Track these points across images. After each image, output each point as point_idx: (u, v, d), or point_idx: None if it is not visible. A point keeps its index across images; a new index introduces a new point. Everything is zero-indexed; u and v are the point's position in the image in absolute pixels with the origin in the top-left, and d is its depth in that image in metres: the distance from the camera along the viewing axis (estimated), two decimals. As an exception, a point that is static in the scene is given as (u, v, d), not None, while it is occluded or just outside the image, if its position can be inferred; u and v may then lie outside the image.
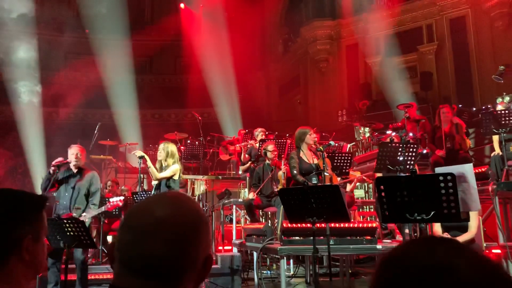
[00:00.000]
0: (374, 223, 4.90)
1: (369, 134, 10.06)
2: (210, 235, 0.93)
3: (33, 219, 1.27)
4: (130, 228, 0.87)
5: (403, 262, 0.69)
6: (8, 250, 1.21)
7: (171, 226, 0.85)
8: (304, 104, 16.70)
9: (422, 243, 0.72)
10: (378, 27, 13.86)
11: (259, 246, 5.03)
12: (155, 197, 0.93)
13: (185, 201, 0.93)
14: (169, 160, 5.61)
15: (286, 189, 3.93)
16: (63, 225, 3.88)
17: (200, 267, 0.89)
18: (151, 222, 0.86)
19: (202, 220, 0.91)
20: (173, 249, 0.84)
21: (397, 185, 2.72)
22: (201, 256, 0.88)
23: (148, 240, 0.84)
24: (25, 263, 1.23)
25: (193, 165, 9.08)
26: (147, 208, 0.89)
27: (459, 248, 0.69)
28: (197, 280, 0.90)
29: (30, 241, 1.24)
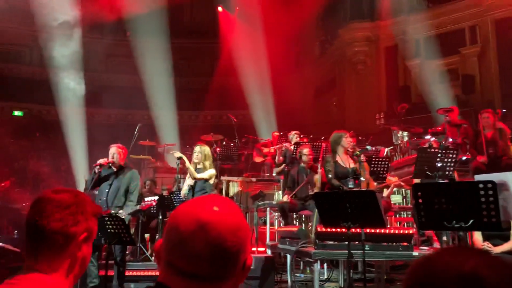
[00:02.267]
0: (411, 230, 4.81)
1: (407, 138, 9.85)
2: (250, 238, 0.97)
3: (91, 221, 1.37)
4: (176, 229, 0.91)
5: (432, 271, 0.71)
6: (66, 243, 1.31)
7: (214, 230, 0.89)
8: (340, 107, 16.53)
9: (451, 253, 0.74)
10: (418, 28, 13.57)
11: (293, 249, 5.04)
12: (198, 200, 0.96)
13: (228, 205, 0.96)
14: (206, 162, 5.70)
15: (321, 193, 3.93)
16: (104, 222, 4.04)
17: (240, 270, 0.92)
18: (196, 224, 0.89)
19: (242, 223, 0.94)
20: (216, 250, 0.88)
21: (435, 192, 2.68)
22: (242, 257, 0.92)
23: (193, 242, 0.88)
24: (76, 260, 1.33)
25: (227, 166, 9.18)
26: (192, 211, 0.93)
27: (488, 260, 0.70)
28: (237, 281, 0.93)
29: (84, 239, 1.34)
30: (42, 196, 1.37)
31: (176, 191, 6.67)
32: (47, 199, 1.36)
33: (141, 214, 6.57)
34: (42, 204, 1.35)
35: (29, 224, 1.34)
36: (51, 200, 1.35)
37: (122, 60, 18.27)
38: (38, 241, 1.31)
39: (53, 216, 1.32)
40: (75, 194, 1.40)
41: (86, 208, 1.38)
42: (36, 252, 1.31)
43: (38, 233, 1.31)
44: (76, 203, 1.36)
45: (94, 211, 1.40)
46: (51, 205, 1.34)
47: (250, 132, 12.29)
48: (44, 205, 1.34)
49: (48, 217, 1.32)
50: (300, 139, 8.15)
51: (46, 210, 1.33)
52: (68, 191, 1.42)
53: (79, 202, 1.37)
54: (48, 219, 1.31)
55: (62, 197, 1.36)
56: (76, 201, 1.36)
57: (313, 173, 6.36)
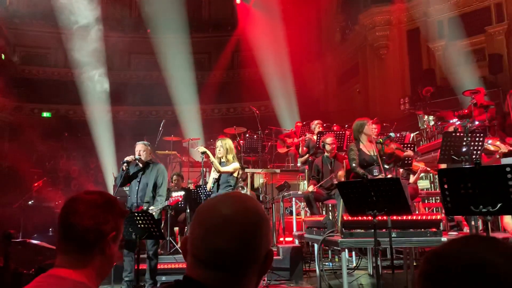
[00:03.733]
0: (439, 215, 4.76)
1: (433, 122, 9.67)
2: (270, 231, 1.01)
3: (119, 222, 1.45)
4: (200, 224, 0.98)
5: (445, 257, 0.75)
6: (97, 242, 1.39)
7: (236, 223, 0.95)
8: (364, 93, 16.32)
9: (464, 241, 0.77)
10: (441, 9, 13.22)
11: (320, 238, 5.06)
12: (221, 197, 1.03)
13: (247, 200, 1.02)
14: (229, 156, 5.75)
15: (345, 183, 3.93)
16: (135, 218, 4.15)
17: (262, 261, 0.97)
18: (219, 220, 0.96)
19: (263, 217, 0.99)
20: (238, 244, 0.93)
21: (461, 177, 2.65)
22: (263, 250, 0.97)
23: (216, 236, 0.94)
24: (104, 257, 1.41)
25: (252, 158, 9.24)
26: (215, 206, 0.99)
27: (498, 247, 0.73)
28: (259, 273, 0.98)
29: (112, 238, 1.41)
30: (74, 197, 1.46)
31: (202, 185, 6.77)
32: (79, 199, 1.44)
33: (169, 208, 6.70)
34: (74, 203, 1.43)
35: (62, 222, 1.42)
36: (83, 200, 1.43)
37: (144, 57, 18.50)
38: (70, 238, 1.39)
39: (85, 214, 1.40)
40: (105, 195, 1.48)
41: (115, 209, 1.46)
42: (67, 249, 1.39)
43: (70, 231, 1.39)
44: (106, 203, 1.44)
45: (122, 211, 1.48)
46: (84, 205, 1.42)
47: (273, 123, 12.31)
48: (76, 204, 1.43)
49: (80, 216, 1.39)
50: (323, 128, 8.11)
51: (79, 209, 1.41)
52: (99, 192, 1.50)
53: (109, 202, 1.45)
54: (80, 217, 1.39)
55: (93, 198, 1.44)
56: (106, 201, 1.44)
57: (337, 163, 6.34)
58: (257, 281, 0.99)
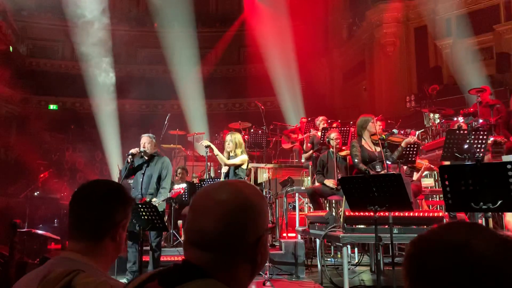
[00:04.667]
0: (440, 212, 4.77)
1: (439, 120, 9.65)
2: (262, 219, 1.03)
3: (128, 209, 1.50)
4: (191, 208, 1.03)
5: (429, 241, 0.80)
6: (108, 229, 1.44)
7: (222, 206, 0.99)
8: (370, 90, 16.28)
9: (448, 226, 0.82)
10: (449, 7, 13.14)
11: (322, 233, 5.09)
12: (217, 183, 1.07)
13: (242, 186, 1.05)
14: (238, 150, 5.78)
15: (348, 178, 3.95)
16: (138, 210, 4.19)
17: (251, 247, 0.99)
18: (207, 202, 1.01)
19: (253, 202, 1.02)
20: (222, 225, 0.97)
21: (462, 174, 2.66)
22: (252, 235, 0.99)
23: (202, 217, 0.99)
24: (115, 244, 1.46)
25: (256, 153, 9.27)
26: (208, 191, 1.04)
27: (480, 231, 0.77)
28: (251, 259, 1.00)
29: (122, 225, 1.47)
30: (85, 185, 1.51)
31: (206, 179, 6.81)
32: (91, 187, 1.49)
33: (173, 201, 6.75)
34: (86, 192, 1.48)
35: (74, 210, 1.46)
36: (95, 189, 1.48)
37: (151, 51, 18.55)
38: (82, 226, 1.44)
39: (98, 203, 1.44)
40: (114, 183, 1.53)
41: (125, 197, 1.51)
42: (79, 236, 1.44)
43: (82, 219, 1.44)
44: (116, 192, 1.49)
45: (130, 199, 1.53)
46: (96, 193, 1.46)
47: (278, 118, 12.31)
48: (88, 192, 1.48)
49: (93, 204, 1.44)
50: (328, 124, 8.11)
51: (91, 198, 1.46)
52: (108, 181, 1.55)
53: (119, 191, 1.51)
54: (93, 206, 1.44)
55: (105, 186, 1.50)
56: (116, 190, 1.50)
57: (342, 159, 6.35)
58: (251, 268, 1.01)
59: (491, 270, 0.72)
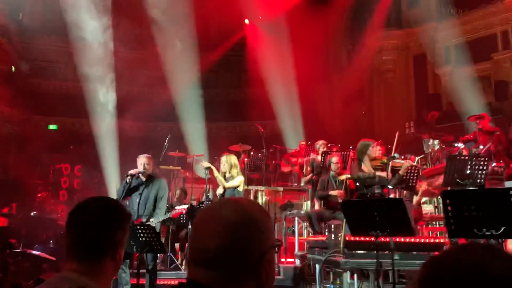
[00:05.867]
0: (442, 239, 4.72)
1: (438, 146, 9.67)
2: (266, 235, 1.02)
3: (127, 226, 1.47)
4: (195, 226, 1.02)
5: (443, 263, 0.78)
6: (107, 249, 1.40)
7: (223, 222, 0.97)
8: (369, 116, 16.37)
9: (461, 247, 0.81)
10: (447, 35, 13.35)
11: (322, 258, 5.02)
12: (221, 200, 1.06)
13: (244, 203, 1.04)
14: (233, 171, 5.78)
15: (349, 202, 3.93)
16: (136, 231, 4.14)
17: (254, 263, 0.97)
18: (209, 221, 0.99)
19: (256, 218, 1.00)
20: (222, 241, 0.95)
21: (464, 199, 2.64)
22: (255, 251, 0.98)
23: (203, 234, 0.98)
24: (114, 263, 1.42)
25: (256, 176, 9.23)
26: (211, 209, 1.04)
27: (493, 251, 0.76)
28: (257, 277, 0.98)
29: (122, 243, 1.43)
30: (83, 204, 1.47)
31: (205, 201, 6.76)
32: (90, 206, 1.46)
33: (171, 223, 6.68)
34: (85, 211, 1.44)
35: (72, 229, 1.43)
36: (94, 207, 1.45)
37: (152, 73, 18.69)
38: (82, 245, 1.40)
39: (98, 222, 1.41)
40: (113, 201, 1.50)
41: (123, 214, 1.48)
42: (79, 256, 1.39)
43: (82, 238, 1.40)
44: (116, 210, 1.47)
45: (128, 216, 1.50)
46: (95, 212, 1.43)
47: (277, 142, 12.33)
48: (87, 211, 1.44)
49: (93, 223, 1.41)
50: (328, 148, 8.12)
51: (91, 217, 1.42)
52: (106, 198, 1.52)
53: (118, 208, 1.48)
54: (93, 225, 1.40)
55: (104, 204, 1.47)
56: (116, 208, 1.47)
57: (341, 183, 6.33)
58: (257, 285, 0.98)
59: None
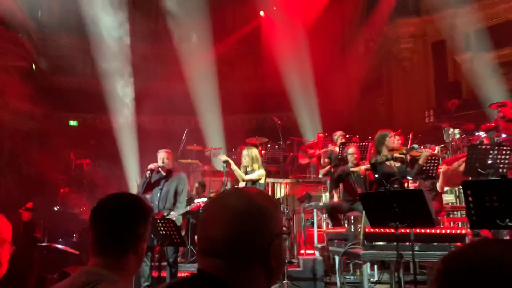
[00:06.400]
0: (464, 229, 4.66)
1: (459, 135, 9.51)
2: (273, 223, 1.02)
3: (148, 220, 1.49)
4: (203, 217, 1.04)
5: (461, 259, 0.77)
6: (131, 243, 1.43)
7: (229, 211, 0.98)
8: (387, 105, 16.16)
9: (480, 243, 0.80)
10: (467, 21, 13.04)
11: (341, 250, 5.01)
12: (228, 190, 1.08)
13: (249, 193, 1.04)
14: (255, 165, 5.78)
15: (367, 194, 3.90)
16: (157, 225, 4.20)
17: (263, 252, 0.97)
18: (216, 211, 1.00)
19: (262, 207, 1.00)
20: (228, 230, 0.96)
21: (486, 190, 2.60)
22: (262, 240, 0.98)
23: (210, 224, 0.99)
24: (137, 257, 1.45)
25: (273, 169, 9.23)
26: (217, 200, 1.04)
27: (511, 247, 0.75)
28: (266, 266, 0.98)
29: (144, 237, 1.46)
30: (106, 199, 1.50)
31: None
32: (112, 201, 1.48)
33: (191, 216, 6.75)
34: (109, 206, 1.47)
35: (97, 225, 1.45)
36: (117, 203, 1.47)
37: (169, 67, 18.80)
38: (106, 241, 1.43)
39: (122, 217, 1.44)
40: (134, 196, 1.53)
41: (145, 208, 1.50)
42: (103, 250, 1.42)
43: (106, 234, 1.43)
44: (138, 205, 1.49)
45: (149, 210, 1.53)
46: (119, 208, 1.46)
47: (295, 133, 12.29)
48: (111, 207, 1.47)
49: (117, 219, 1.44)
50: (345, 139, 8.05)
51: (115, 212, 1.45)
52: (127, 194, 1.55)
53: (140, 203, 1.50)
54: (117, 220, 1.43)
55: (126, 200, 1.49)
56: (137, 202, 1.50)
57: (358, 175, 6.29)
58: (267, 273, 0.99)
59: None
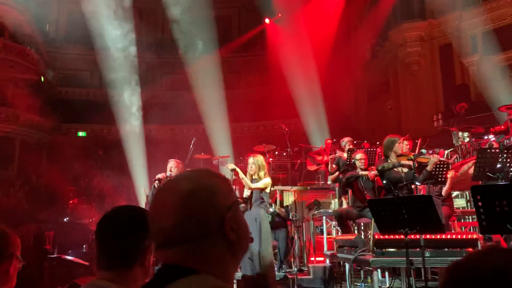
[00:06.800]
0: (475, 234, 4.59)
1: (468, 139, 9.41)
2: (220, 197, 0.97)
3: None
4: (149, 211, 1.01)
5: (467, 269, 0.77)
6: (136, 256, 1.42)
7: (171, 200, 0.94)
8: (396, 110, 16.09)
9: (486, 252, 0.79)
10: (474, 24, 12.99)
11: (351, 257, 4.97)
12: (171, 178, 1.04)
13: (190, 174, 1.01)
14: (261, 173, 5.75)
15: (376, 200, 3.87)
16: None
17: (216, 229, 0.94)
18: (160, 200, 0.97)
19: (203, 186, 0.96)
20: (177, 219, 0.92)
21: (495, 194, 2.56)
22: (212, 218, 0.94)
23: (158, 217, 0.95)
24: (144, 269, 1.44)
25: (281, 176, 9.19)
26: (161, 191, 1.00)
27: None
28: (226, 243, 0.95)
29: (150, 250, 1.45)
30: (110, 213, 1.49)
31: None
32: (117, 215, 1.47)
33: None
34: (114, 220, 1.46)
35: (102, 238, 1.45)
36: (122, 216, 1.46)
37: (176, 77, 18.93)
38: (112, 254, 1.42)
39: (126, 230, 1.43)
40: (139, 209, 1.51)
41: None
42: (109, 264, 1.41)
43: (111, 247, 1.42)
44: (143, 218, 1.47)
45: None
46: (123, 221, 1.45)
47: (302, 140, 12.25)
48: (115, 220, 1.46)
49: (122, 232, 1.42)
50: (358, 145, 8.00)
51: (120, 226, 1.44)
52: (133, 207, 1.54)
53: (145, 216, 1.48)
54: (122, 234, 1.42)
55: (131, 213, 1.48)
56: (143, 216, 1.47)
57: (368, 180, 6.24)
58: (229, 248, 0.95)
59: None
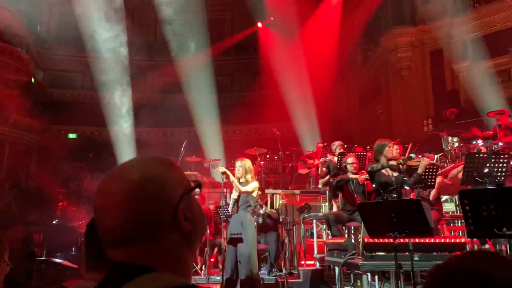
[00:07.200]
0: (463, 238, 4.63)
1: (457, 144, 9.51)
2: (171, 188, 0.89)
3: None
4: (94, 209, 0.90)
5: (448, 272, 0.77)
6: None
7: (118, 197, 0.85)
8: (386, 115, 16.20)
9: (467, 256, 0.79)
10: (464, 30, 13.14)
11: (341, 261, 4.98)
12: (108, 175, 0.92)
13: (133, 164, 0.91)
14: (248, 176, 5.76)
15: (365, 204, 3.89)
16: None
17: (170, 221, 0.87)
18: (105, 199, 0.88)
19: (150, 178, 0.87)
20: (126, 217, 0.84)
21: (483, 199, 2.59)
22: (164, 211, 0.86)
23: (105, 216, 0.86)
24: None
25: (272, 179, 9.20)
26: (102, 186, 0.90)
27: (499, 261, 0.75)
28: (181, 235, 0.88)
29: None
30: None
31: (222, 205, 6.78)
32: None
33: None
34: None
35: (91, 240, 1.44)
36: None
37: (168, 80, 18.90)
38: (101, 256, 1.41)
39: None
40: None
41: None
42: (98, 266, 1.41)
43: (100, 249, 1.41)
44: None
45: None
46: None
47: (294, 144, 12.27)
48: None
49: None
50: (349, 149, 8.04)
51: None
52: None
53: None
54: None
55: None
56: None
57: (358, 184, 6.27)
58: (185, 239, 0.89)
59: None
